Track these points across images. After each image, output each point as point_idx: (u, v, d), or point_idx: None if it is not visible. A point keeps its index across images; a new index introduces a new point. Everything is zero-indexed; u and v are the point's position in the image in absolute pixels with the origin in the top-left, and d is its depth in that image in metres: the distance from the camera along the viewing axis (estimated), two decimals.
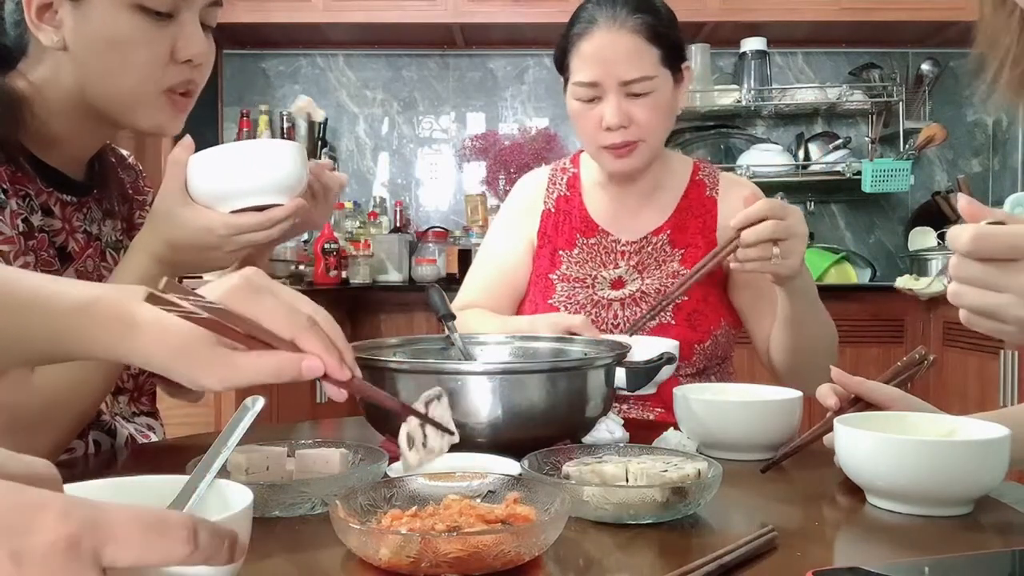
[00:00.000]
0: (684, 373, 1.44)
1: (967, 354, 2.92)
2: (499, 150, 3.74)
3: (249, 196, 0.96)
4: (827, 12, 3.39)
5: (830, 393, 0.97)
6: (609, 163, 1.41)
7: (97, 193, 1.09)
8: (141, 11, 0.93)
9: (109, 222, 1.12)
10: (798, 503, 0.87)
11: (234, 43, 3.74)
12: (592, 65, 1.35)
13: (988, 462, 0.78)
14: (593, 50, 1.35)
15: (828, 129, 3.73)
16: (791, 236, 1.21)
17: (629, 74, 1.33)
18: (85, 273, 1.06)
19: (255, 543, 0.72)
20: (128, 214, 1.18)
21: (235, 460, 0.83)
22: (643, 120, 1.36)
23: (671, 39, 1.37)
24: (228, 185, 0.96)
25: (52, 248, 1.02)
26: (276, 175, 0.97)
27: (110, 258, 1.12)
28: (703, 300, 1.44)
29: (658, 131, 1.40)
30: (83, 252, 1.06)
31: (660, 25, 1.35)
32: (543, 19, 3.36)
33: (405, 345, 1.18)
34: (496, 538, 0.62)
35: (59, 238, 1.03)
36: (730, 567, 0.65)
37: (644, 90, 1.34)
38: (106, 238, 1.11)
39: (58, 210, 1.03)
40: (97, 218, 1.10)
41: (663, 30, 1.35)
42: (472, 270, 1.61)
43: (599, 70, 1.34)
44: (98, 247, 1.09)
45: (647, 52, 1.34)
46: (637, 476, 0.77)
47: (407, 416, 0.73)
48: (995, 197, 3.62)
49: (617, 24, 1.33)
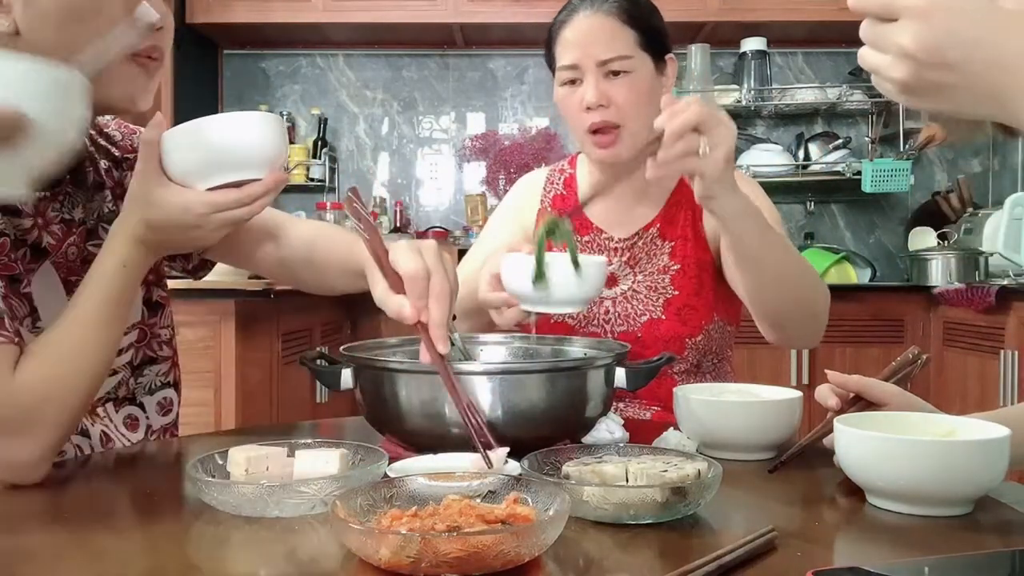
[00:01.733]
0: (678, 369, 1.44)
1: (967, 354, 2.92)
2: (499, 150, 3.74)
3: (225, 172, 0.93)
4: (827, 12, 3.39)
5: (830, 394, 0.97)
6: (594, 151, 1.42)
7: (72, 177, 1.07)
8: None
9: (98, 196, 1.10)
10: (798, 503, 0.87)
11: (234, 43, 3.74)
12: (572, 48, 1.39)
13: (988, 462, 0.78)
14: (572, 34, 1.39)
15: (828, 129, 3.73)
16: (717, 124, 1.08)
17: (605, 54, 1.37)
18: (66, 262, 1.04)
19: (256, 543, 0.72)
20: (120, 178, 1.15)
21: (235, 460, 0.83)
22: (621, 100, 1.37)
23: (649, 24, 1.40)
24: (201, 161, 0.93)
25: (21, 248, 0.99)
26: (251, 149, 0.93)
27: (103, 232, 1.09)
28: (695, 295, 1.44)
29: (639, 115, 1.39)
30: (62, 242, 1.04)
31: (635, 10, 1.39)
32: (543, 19, 3.32)
33: (405, 345, 1.18)
34: (496, 538, 0.62)
35: (31, 236, 1.01)
36: (730, 567, 0.65)
37: (621, 68, 1.37)
38: (95, 212, 1.09)
39: (29, 207, 1.00)
40: (80, 200, 1.07)
41: (638, 14, 1.39)
42: (462, 264, 1.59)
43: (578, 52, 1.38)
44: (83, 230, 1.07)
45: (622, 32, 1.38)
46: (637, 476, 0.77)
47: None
48: (995, 197, 3.63)
49: (595, 8, 1.38)
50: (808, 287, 1.27)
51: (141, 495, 0.91)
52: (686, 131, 1.07)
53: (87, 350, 0.93)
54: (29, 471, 0.89)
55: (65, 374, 0.91)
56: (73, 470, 1.00)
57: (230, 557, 0.72)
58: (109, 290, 0.94)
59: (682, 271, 1.45)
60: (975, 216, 3.37)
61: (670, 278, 1.45)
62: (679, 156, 1.08)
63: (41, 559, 0.70)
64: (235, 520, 0.77)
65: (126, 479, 0.98)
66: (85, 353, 0.93)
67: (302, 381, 2.81)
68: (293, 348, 2.77)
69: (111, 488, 0.94)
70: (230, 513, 0.77)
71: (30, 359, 0.90)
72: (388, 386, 0.97)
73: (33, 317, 1.00)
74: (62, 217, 1.05)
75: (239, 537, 0.74)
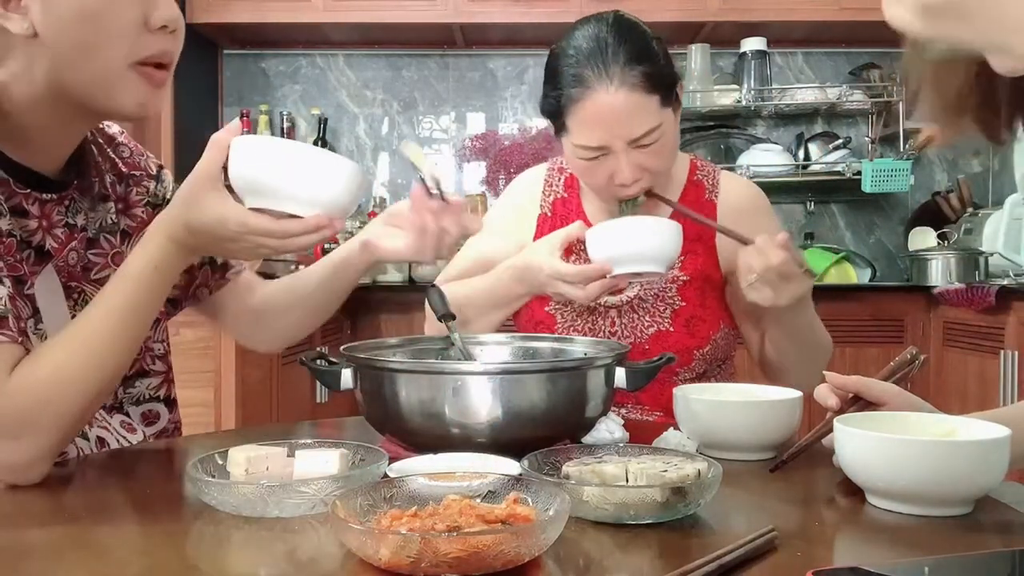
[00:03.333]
0: (684, 378, 1.42)
1: (967, 354, 2.92)
2: (499, 150, 3.74)
3: (272, 198, 0.90)
4: (827, 12, 3.38)
5: (829, 393, 0.97)
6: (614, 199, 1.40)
7: (79, 184, 1.07)
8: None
9: (102, 206, 1.10)
10: (798, 503, 0.87)
11: (234, 43, 3.74)
12: (595, 130, 1.29)
13: (988, 462, 0.78)
14: (593, 115, 1.28)
15: (828, 129, 3.73)
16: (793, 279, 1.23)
17: (636, 132, 1.28)
18: (67, 267, 1.04)
19: (255, 543, 0.72)
20: (124, 193, 1.15)
21: (235, 459, 0.83)
22: (654, 166, 1.32)
23: (667, 77, 1.31)
24: (251, 177, 0.90)
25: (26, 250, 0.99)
26: (301, 185, 0.89)
27: (105, 243, 1.10)
28: (701, 305, 1.43)
29: (668, 166, 1.39)
30: (64, 246, 1.04)
31: (655, 70, 1.28)
32: (543, 19, 3.36)
33: (405, 345, 1.18)
34: (496, 538, 0.62)
35: (35, 238, 1.00)
36: (730, 567, 0.65)
37: (652, 140, 1.29)
38: (98, 223, 1.09)
39: (35, 209, 1.00)
40: (83, 207, 1.07)
41: (658, 74, 1.29)
42: (455, 260, 1.56)
43: (604, 134, 1.28)
44: (84, 237, 1.07)
45: (649, 103, 1.28)
46: (637, 476, 0.77)
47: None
48: (995, 197, 3.63)
49: (615, 83, 1.26)
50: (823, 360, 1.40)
51: (141, 495, 0.91)
52: (773, 274, 1.21)
53: (99, 353, 0.91)
54: (24, 473, 0.89)
55: (69, 378, 0.90)
56: (74, 469, 1.00)
57: (230, 557, 0.72)
58: (135, 292, 0.93)
59: (690, 283, 1.43)
60: (975, 216, 3.37)
61: (677, 288, 1.43)
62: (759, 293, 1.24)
63: (42, 557, 0.70)
64: (235, 520, 0.77)
65: (126, 479, 0.98)
66: (96, 356, 0.91)
67: (302, 381, 2.81)
68: (293, 348, 2.76)
69: (111, 487, 0.94)
70: (230, 513, 0.77)
71: (33, 360, 0.89)
72: (388, 386, 0.97)
73: (36, 319, 0.99)
74: (66, 222, 1.05)
75: (239, 537, 0.74)
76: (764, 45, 3.54)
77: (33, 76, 0.94)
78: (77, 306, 1.05)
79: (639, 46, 1.29)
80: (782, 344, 1.39)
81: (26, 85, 0.94)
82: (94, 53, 0.93)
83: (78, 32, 0.92)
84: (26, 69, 0.93)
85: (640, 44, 1.30)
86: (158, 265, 0.93)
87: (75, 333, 0.92)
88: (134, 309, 0.93)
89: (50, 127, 0.99)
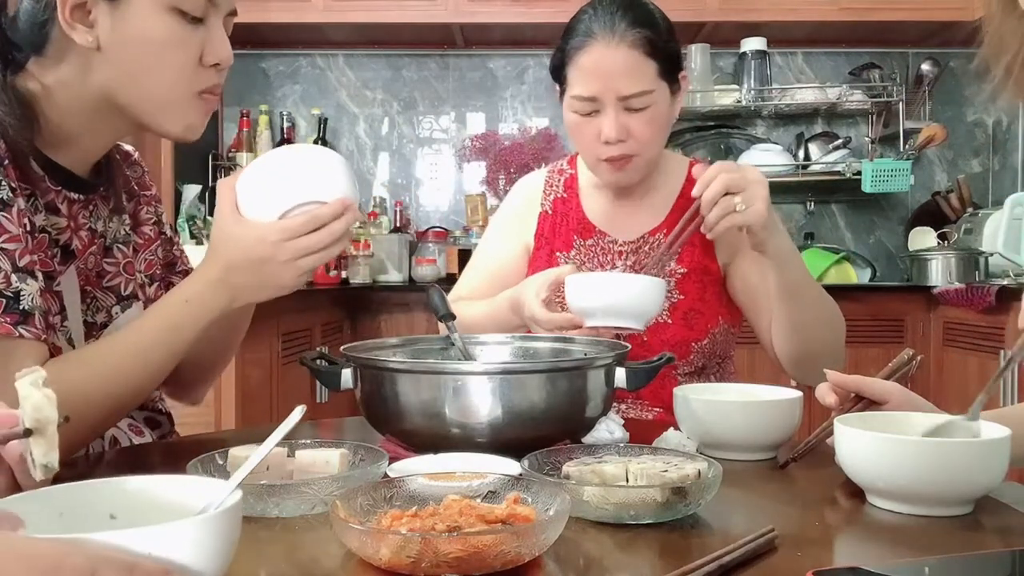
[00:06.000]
0: (683, 372, 1.43)
1: (967, 354, 2.92)
2: (499, 150, 3.74)
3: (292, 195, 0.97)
4: (827, 12, 3.39)
5: (829, 391, 0.97)
6: (607, 175, 1.42)
7: (104, 190, 1.10)
8: (177, 14, 0.96)
9: (116, 218, 1.13)
10: (798, 503, 0.87)
11: (234, 43, 3.72)
12: (590, 79, 1.34)
13: (988, 462, 0.78)
14: (591, 64, 1.34)
15: (828, 129, 3.73)
16: (748, 183, 1.22)
17: (628, 89, 1.32)
18: (86, 270, 1.06)
19: (256, 543, 0.72)
20: (135, 210, 1.18)
21: (236, 459, 0.83)
22: (640, 134, 1.35)
23: (669, 51, 1.36)
24: (268, 190, 0.97)
25: (54, 247, 1.01)
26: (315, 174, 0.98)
27: (118, 253, 1.12)
28: (700, 299, 1.44)
29: (655, 144, 1.40)
30: (86, 249, 1.06)
31: (658, 39, 1.34)
32: (543, 19, 3.36)
33: (405, 345, 1.19)
34: (496, 538, 0.62)
35: (63, 236, 1.03)
36: (730, 567, 0.65)
37: (642, 104, 1.34)
38: (113, 234, 1.12)
39: (65, 208, 1.03)
40: (103, 215, 1.10)
41: (661, 43, 1.34)
42: (466, 271, 1.62)
43: (597, 84, 1.33)
44: (101, 244, 1.09)
45: (645, 66, 1.33)
46: (637, 476, 0.77)
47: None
48: (995, 197, 3.63)
49: (616, 38, 1.32)
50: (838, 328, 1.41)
51: None
52: (718, 197, 1.21)
53: (120, 369, 0.95)
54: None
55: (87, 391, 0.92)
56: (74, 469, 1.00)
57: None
58: (165, 319, 0.98)
59: (688, 276, 1.45)
60: (975, 216, 3.37)
61: (676, 282, 1.45)
62: (719, 218, 1.22)
63: None
64: None
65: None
66: (117, 372, 0.95)
67: (302, 381, 2.81)
68: (293, 348, 2.77)
69: None
70: None
71: (56, 364, 0.91)
72: (388, 386, 0.97)
73: (62, 316, 1.02)
74: (89, 225, 1.07)
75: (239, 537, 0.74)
76: (764, 45, 3.54)
77: (85, 84, 0.97)
78: (89, 310, 1.07)
79: (648, 15, 1.37)
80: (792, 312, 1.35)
81: (75, 90, 0.98)
82: (154, 79, 0.98)
83: (141, 58, 0.96)
84: (78, 77, 0.97)
85: (649, 15, 1.37)
86: (189, 299, 0.98)
87: (107, 346, 0.96)
88: (167, 330, 0.98)
89: (88, 131, 1.02)
